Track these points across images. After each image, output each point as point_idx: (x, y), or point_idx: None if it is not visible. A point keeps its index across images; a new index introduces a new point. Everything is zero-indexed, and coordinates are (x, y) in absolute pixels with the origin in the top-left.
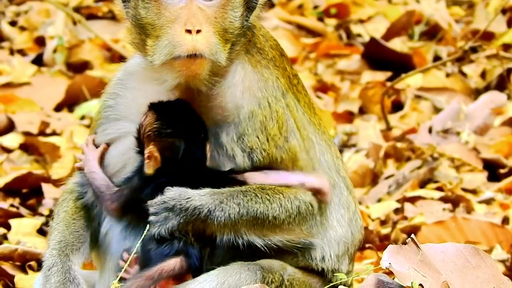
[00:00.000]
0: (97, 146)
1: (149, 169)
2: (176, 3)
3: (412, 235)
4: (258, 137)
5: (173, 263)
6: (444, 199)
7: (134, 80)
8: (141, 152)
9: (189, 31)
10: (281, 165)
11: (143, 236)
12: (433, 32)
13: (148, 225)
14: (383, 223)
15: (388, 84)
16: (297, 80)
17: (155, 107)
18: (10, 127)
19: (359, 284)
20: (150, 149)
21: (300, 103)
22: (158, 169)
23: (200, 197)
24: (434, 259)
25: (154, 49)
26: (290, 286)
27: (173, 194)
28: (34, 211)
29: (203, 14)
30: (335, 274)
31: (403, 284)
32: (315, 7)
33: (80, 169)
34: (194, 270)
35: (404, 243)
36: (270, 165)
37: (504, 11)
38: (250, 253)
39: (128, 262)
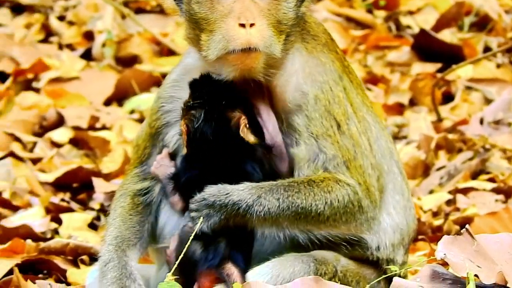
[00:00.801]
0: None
1: (184, 147)
2: None
3: (467, 226)
4: (322, 123)
5: (232, 272)
6: (496, 190)
7: (190, 78)
8: None
9: (243, 25)
10: (344, 152)
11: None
12: (483, 23)
13: (189, 222)
14: (435, 214)
15: (439, 75)
16: (347, 62)
17: (190, 84)
18: (60, 122)
19: (412, 275)
20: (181, 124)
21: (353, 84)
22: (190, 152)
23: (238, 192)
24: (489, 249)
25: (208, 44)
26: (344, 277)
27: (213, 190)
28: (84, 206)
29: (256, 7)
30: (389, 265)
31: (458, 275)
32: None
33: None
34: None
35: (459, 233)
36: (334, 152)
37: None
38: (300, 245)
39: (178, 260)
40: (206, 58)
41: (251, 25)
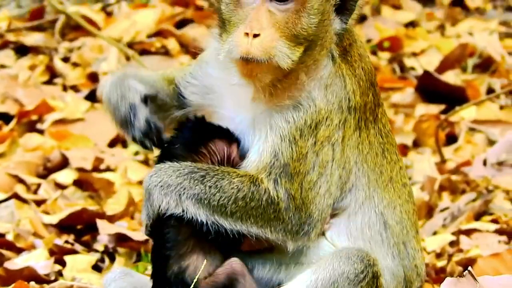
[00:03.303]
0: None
1: None
2: (250, 3)
3: (469, 268)
4: (303, 131)
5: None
6: (499, 231)
7: (212, 67)
8: None
9: (247, 34)
10: (299, 164)
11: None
12: (486, 65)
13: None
14: (438, 255)
15: (442, 117)
16: (373, 116)
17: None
18: (64, 163)
19: None
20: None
21: (360, 125)
22: None
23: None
24: None
25: (224, 43)
26: None
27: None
28: (89, 247)
29: (271, 17)
30: None
31: None
32: (368, 40)
33: None
34: None
35: (462, 275)
36: (287, 161)
37: None
38: None
39: (200, 271)
40: (219, 57)
41: (255, 35)
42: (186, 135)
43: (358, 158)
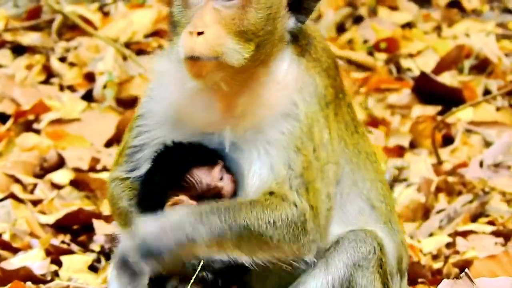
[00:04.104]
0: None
1: None
2: (197, 3)
3: (466, 270)
4: (303, 139)
5: None
6: (495, 233)
7: (167, 81)
8: None
9: (191, 33)
10: (309, 173)
11: None
12: (482, 66)
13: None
14: (435, 257)
15: (439, 118)
16: (344, 95)
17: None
18: (60, 163)
19: None
20: None
21: (337, 118)
22: None
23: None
24: None
25: (175, 47)
26: None
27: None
28: (85, 248)
29: (216, 15)
30: None
31: None
32: (365, 41)
33: None
34: None
35: (458, 277)
36: (301, 171)
37: None
38: None
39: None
40: (176, 61)
41: (199, 33)
42: (162, 169)
43: (341, 147)
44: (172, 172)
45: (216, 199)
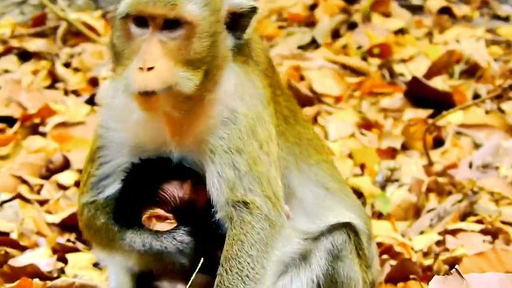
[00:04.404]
0: None
1: None
2: (141, 35)
3: (456, 266)
4: (244, 138)
5: None
6: (484, 232)
7: (118, 111)
8: None
9: (141, 69)
10: (259, 167)
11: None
12: (472, 71)
13: None
14: (425, 254)
15: (430, 121)
16: (280, 91)
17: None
18: (65, 165)
19: None
20: None
21: (276, 114)
22: None
23: None
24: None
25: (122, 79)
26: None
27: None
28: (90, 246)
29: (163, 47)
30: None
31: None
32: (359, 47)
33: None
34: None
35: (448, 274)
36: (247, 168)
37: None
38: None
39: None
40: (123, 92)
41: (149, 69)
42: (135, 187)
43: (282, 139)
44: (144, 189)
45: (190, 211)
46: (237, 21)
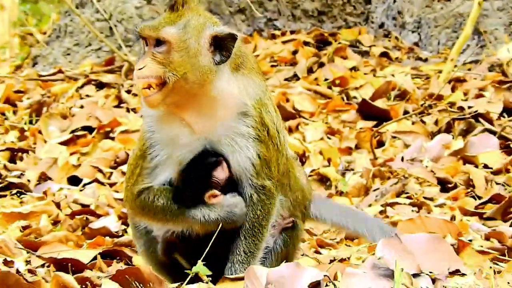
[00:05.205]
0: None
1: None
2: (145, 50)
3: (397, 231)
4: (259, 129)
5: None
6: (412, 204)
7: (156, 121)
8: None
9: (138, 69)
10: (270, 152)
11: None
12: (403, 95)
13: None
14: None
15: (375, 129)
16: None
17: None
18: (127, 159)
19: (358, 260)
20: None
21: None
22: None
23: None
24: (411, 247)
25: None
26: None
27: None
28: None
29: (154, 56)
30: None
31: (391, 268)
32: (326, 79)
33: None
34: None
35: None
36: (263, 153)
37: (449, 81)
38: None
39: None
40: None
41: (140, 68)
42: (193, 176)
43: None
44: (201, 178)
45: (226, 184)
46: (220, 43)
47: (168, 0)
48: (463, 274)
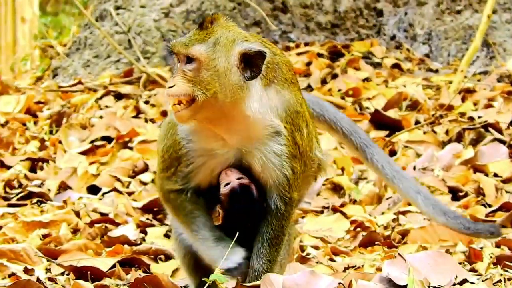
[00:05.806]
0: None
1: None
2: (178, 67)
3: (399, 251)
4: (291, 147)
5: None
6: None
7: (190, 131)
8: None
9: (168, 88)
10: (299, 168)
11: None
12: (414, 106)
13: None
14: (385, 228)
15: (387, 139)
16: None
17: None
18: (145, 168)
19: (371, 268)
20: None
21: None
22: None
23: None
24: (415, 264)
25: None
26: None
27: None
28: (162, 222)
29: (184, 74)
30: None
31: (399, 284)
32: (339, 90)
33: None
34: None
35: (400, 242)
36: (300, 171)
37: (460, 92)
38: None
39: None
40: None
41: (170, 87)
42: (241, 201)
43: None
44: (246, 202)
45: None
46: (249, 60)
47: (186, 13)
48: (472, 283)
